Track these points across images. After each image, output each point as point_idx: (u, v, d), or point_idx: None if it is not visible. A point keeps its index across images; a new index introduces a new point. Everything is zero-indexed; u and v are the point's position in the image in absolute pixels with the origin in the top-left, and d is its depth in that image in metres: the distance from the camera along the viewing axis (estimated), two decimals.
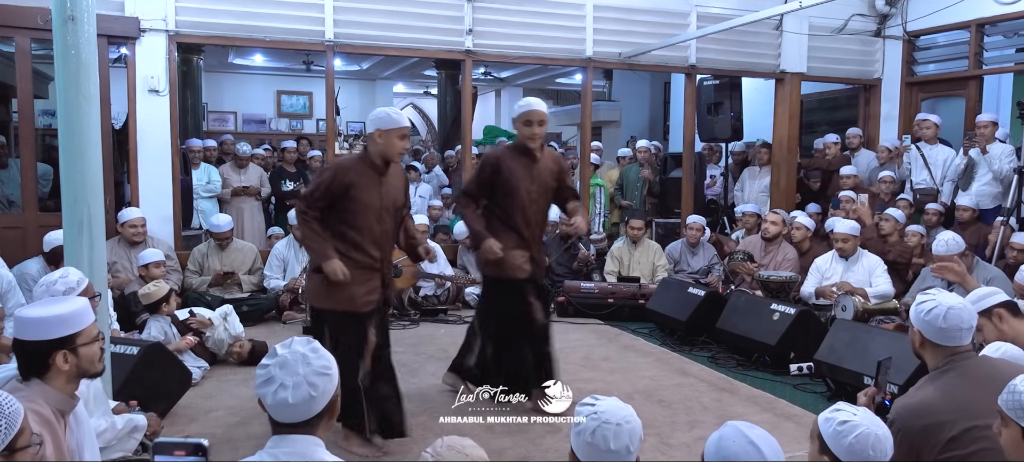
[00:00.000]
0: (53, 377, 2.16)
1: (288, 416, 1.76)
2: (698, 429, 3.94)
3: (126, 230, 5.96)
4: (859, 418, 1.78)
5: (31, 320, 2.14)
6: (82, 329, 2.20)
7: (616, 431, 1.79)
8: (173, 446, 1.59)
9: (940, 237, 5.20)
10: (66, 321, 2.16)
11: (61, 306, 2.20)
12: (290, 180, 7.85)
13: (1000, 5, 6.83)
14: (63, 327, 2.15)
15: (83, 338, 2.20)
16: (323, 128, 8.36)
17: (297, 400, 1.74)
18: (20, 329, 2.14)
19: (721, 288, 6.22)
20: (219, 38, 6.76)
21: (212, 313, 5.03)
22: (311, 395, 1.75)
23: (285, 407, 1.74)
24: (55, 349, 2.14)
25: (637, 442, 1.83)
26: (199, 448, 1.59)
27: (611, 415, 1.81)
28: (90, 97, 3.19)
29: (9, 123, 8.70)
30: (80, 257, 3.19)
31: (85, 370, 2.22)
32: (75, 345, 2.18)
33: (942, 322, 2.31)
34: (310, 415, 1.77)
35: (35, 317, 2.15)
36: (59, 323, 2.14)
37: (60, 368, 2.15)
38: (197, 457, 1.58)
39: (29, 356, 2.15)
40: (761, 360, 5.07)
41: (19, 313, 2.18)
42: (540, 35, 7.38)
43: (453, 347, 5.49)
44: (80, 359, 2.19)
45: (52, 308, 2.18)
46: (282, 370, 1.76)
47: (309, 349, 1.80)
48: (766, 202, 8.04)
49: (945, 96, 8.03)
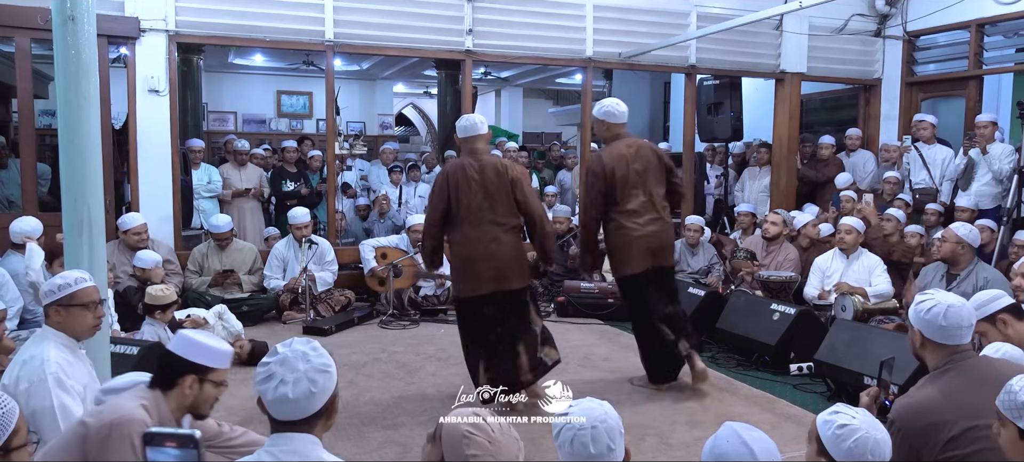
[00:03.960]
0: (174, 396, 2.30)
1: (288, 413, 1.78)
2: (698, 429, 3.94)
3: (128, 237, 5.93)
4: (858, 421, 1.78)
5: (186, 339, 2.35)
6: (217, 368, 2.35)
7: (594, 434, 1.78)
8: (164, 437, 1.51)
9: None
10: (210, 354, 2.31)
11: (214, 341, 2.36)
12: (290, 180, 7.85)
13: (1000, 5, 6.83)
14: (206, 358, 2.31)
15: (214, 377, 2.34)
16: (323, 128, 8.35)
17: (297, 395, 1.77)
18: (175, 342, 2.36)
19: (721, 288, 6.22)
20: (219, 38, 6.76)
21: (206, 312, 5.02)
22: (311, 391, 1.78)
23: (285, 402, 1.77)
24: (190, 372, 2.29)
25: (618, 438, 1.80)
26: (190, 439, 1.51)
27: (585, 419, 1.80)
28: (90, 97, 3.19)
29: (9, 123, 8.70)
30: (80, 257, 3.19)
31: (197, 405, 2.35)
32: (206, 378, 2.32)
33: (942, 320, 2.31)
34: (310, 412, 1.80)
35: (189, 338, 2.34)
36: (205, 353, 2.30)
37: (184, 390, 2.30)
38: (189, 449, 1.49)
39: (167, 366, 2.32)
40: (761, 360, 5.07)
41: (182, 332, 2.41)
42: (540, 35, 7.38)
43: (453, 347, 5.51)
44: (202, 392, 2.33)
45: (206, 338, 2.36)
46: (283, 367, 1.79)
47: (309, 347, 1.84)
48: (766, 202, 8.04)
49: (945, 96, 8.03)
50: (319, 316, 6.18)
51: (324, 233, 7.32)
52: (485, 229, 4.12)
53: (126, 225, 5.98)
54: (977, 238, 5.09)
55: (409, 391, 4.54)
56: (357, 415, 4.11)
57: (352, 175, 9.25)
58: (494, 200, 4.14)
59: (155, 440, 1.51)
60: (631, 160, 4.46)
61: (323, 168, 7.88)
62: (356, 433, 3.86)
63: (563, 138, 13.04)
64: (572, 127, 13.33)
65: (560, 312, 6.55)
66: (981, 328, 2.78)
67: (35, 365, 2.61)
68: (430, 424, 3.98)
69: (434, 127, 14.23)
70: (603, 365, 5.18)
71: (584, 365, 5.16)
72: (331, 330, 5.85)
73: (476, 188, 4.13)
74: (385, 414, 4.15)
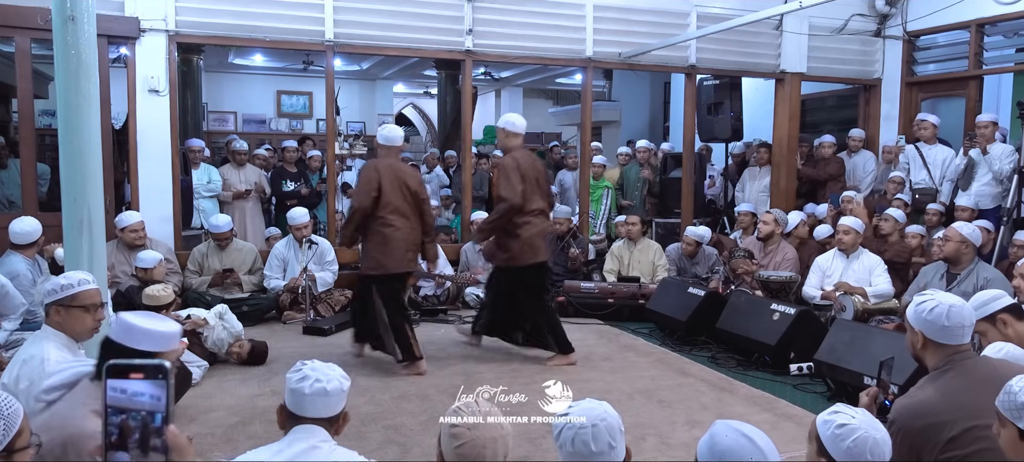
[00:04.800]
0: None
1: (319, 408, 2.10)
2: (698, 429, 3.94)
3: (126, 235, 5.94)
4: (858, 421, 1.78)
5: (127, 325, 2.22)
6: (165, 352, 2.25)
7: (594, 433, 1.79)
8: (127, 368, 1.26)
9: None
10: (154, 338, 2.22)
11: (159, 324, 2.26)
12: (291, 180, 7.85)
13: (1000, 5, 6.83)
14: (150, 342, 2.21)
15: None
16: (323, 128, 8.35)
17: (333, 390, 2.12)
18: (115, 329, 2.23)
19: (721, 288, 6.22)
20: (219, 38, 6.76)
21: (207, 312, 5.01)
22: (342, 388, 2.15)
23: (323, 395, 2.10)
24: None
25: (618, 436, 1.82)
26: (160, 369, 1.27)
27: (585, 418, 1.81)
28: (90, 97, 3.19)
29: (9, 123, 8.70)
30: (80, 257, 3.19)
31: None
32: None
33: (945, 320, 2.30)
34: (336, 411, 2.15)
35: (130, 323, 2.22)
36: (148, 338, 2.20)
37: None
38: (157, 379, 1.25)
39: (110, 357, 2.19)
40: (761, 360, 5.08)
41: (121, 315, 2.25)
42: (540, 35, 7.38)
43: (453, 347, 5.52)
44: None
45: (149, 322, 2.24)
46: (316, 371, 2.13)
47: (329, 365, 2.18)
48: (766, 202, 8.04)
49: (945, 96, 8.02)
50: (319, 316, 6.18)
51: (324, 233, 7.32)
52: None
53: (123, 223, 5.98)
54: (979, 237, 5.09)
55: (409, 391, 4.54)
56: (357, 415, 4.10)
57: (352, 175, 9.26)
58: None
59: (116, 372, 1.26)
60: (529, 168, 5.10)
61: (323, 168, 7.89)
62: (356, 433, 3.85)
63: (563, 138, 13.04)
64: (572, 127, 13.33)
65: (560, 312, 6.53)
66: (981, 328, 2.78)
67: (35, 364, 2.61)
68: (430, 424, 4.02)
69: (434, 127, 14.22)
70: (603, 365, 5.18)
71: (584, 365, 5.16)
72: (331, 330, 5.85)
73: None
74: (385, 414, 4.15)
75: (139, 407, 1.24)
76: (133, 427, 1.24)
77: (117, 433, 1.23)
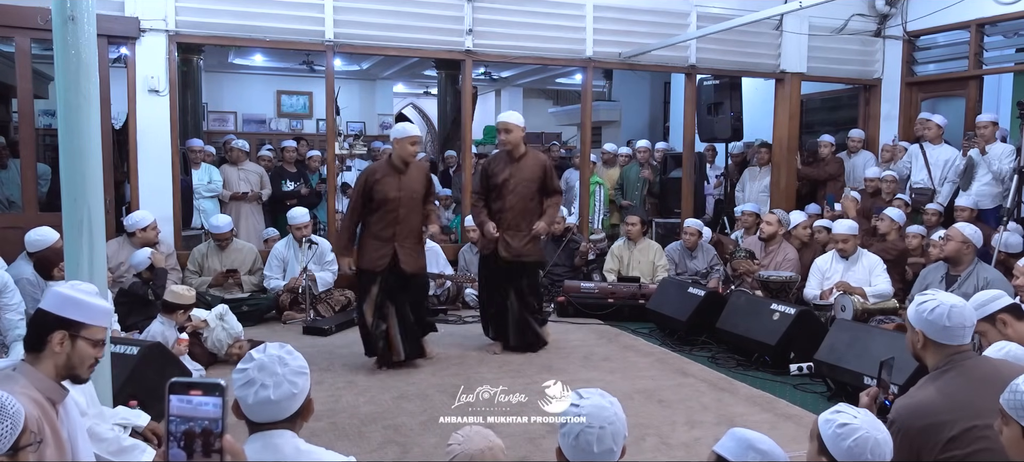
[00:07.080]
0: (44, 359, 2.17)
1: (269, 414, 1.81)
2: (698, 429, 3.95)
3: (148, 234, 5.87)
4: (859, 421, 1.78)
5: (56, 293, 2.19)
6: (91, 325, 2.21)
7: (599, 435, 1.81)
8: (188, 386, 1.46)
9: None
10: (82, 308, 2.18)
11: (87, 296, 2.22)
12: (290, 180, 7.85)
13: (1000, 5, 6.83)
14: (77, 312, 2.17)
15: (88, 333, 2.20)
16: (323, 128, 8.35)
17: (279, 397, 1.80)
18: (45, 298, 2.20)
19: (721, 288, 6.22)
20: (219, 38, 6.76)
21: (207, 313, 5.01)
22: (292, 392, 1.82)
23: (268, 404, 1.80)
24: (59, 327, 2.16)
25: (621, 440, 1.85)
26: (217, 387, 1.44)
27: (594, 418, 1.83)
28: (90, 97, 3.19)
29: (9, 123, 8.70)
30: (80, 257, 3.19)
31: (73, 366, 2.21)
32: (78, 334, 2.19)
33: (947, 320, 2.31)
34: (291, 412, 1.84)
35: (59, 292, 2.19)
36: (74, 306, 2.17)
37: (54, 349, 2.17)
38: (215, 396, 1.43)
39: (37, 326, 2.19)
40: (761, 360, 5.07)
41: (53, 285, 2.23)
42: (540, 35, 7.38)
43: (453, 347, 5.52)
44: (74, 351, 2.19)
45: (78, 292, 2.20)
46: (261, 372, 1.82)
47: (284, 351, 1.88)
48: (766, 202, 8.04)
49: (945, 96, 8.02)
50: (319, 316, 6.18)
51: (324, 233, 7.32)
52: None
53: (138, 224, 5.92)
54: (981, 238, 5.10)
55: (409, 391, 4.54)
56: (357, 415, 4.11)
57: (352, 175, 9.25)
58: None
59: (179, 389, 1.45)
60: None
61: (322, 168, 7.88)
62: (356, 433, 3.86)
63: (563, 138, 13.04)
64: (572, 127, 13.33)
65: (560, 312, 6.55)
66: (981, 328, 2.78)
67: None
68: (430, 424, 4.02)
69: (434, 127, 14.22)
70: (603, 365, 5.18)
71: (584, 365, 5.16)
72: (331, 330, 5.84)
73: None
74: (385, 414, 4.15)
75: (203, 416, 1.43)
76: (196, 434, 1.43)
77: (183, 440, 1.43)
